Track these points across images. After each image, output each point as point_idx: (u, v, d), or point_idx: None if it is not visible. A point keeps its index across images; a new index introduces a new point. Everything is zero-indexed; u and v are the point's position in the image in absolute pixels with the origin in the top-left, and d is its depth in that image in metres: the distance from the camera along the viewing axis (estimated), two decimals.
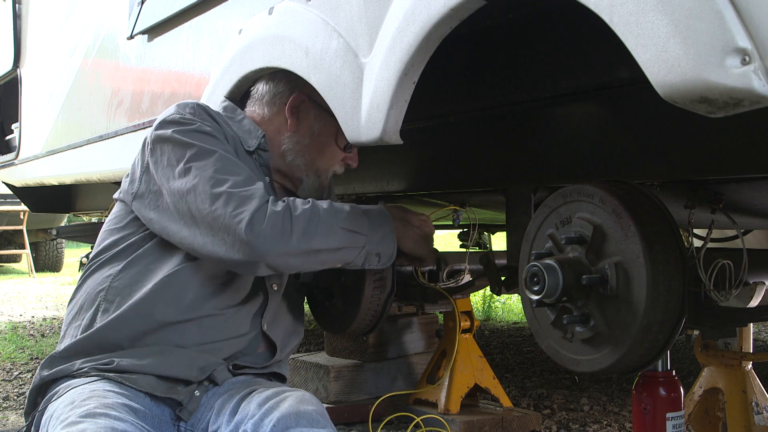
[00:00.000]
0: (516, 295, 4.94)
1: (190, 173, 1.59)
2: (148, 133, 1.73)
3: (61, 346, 1.68)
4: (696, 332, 2.21)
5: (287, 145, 1.79)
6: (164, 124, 1.67)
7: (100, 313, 1.65)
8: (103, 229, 1.78)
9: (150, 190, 1.67)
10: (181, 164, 1.61)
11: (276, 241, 1.53)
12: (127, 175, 1.75)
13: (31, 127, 4.19)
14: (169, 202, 1.63)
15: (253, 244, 1.52)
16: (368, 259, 1.68)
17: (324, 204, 1.62)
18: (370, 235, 1.65)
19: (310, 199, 1.62)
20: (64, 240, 11.70)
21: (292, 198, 1.61)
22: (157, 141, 1.66)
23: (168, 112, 1.70)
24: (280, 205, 1.56)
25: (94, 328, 1.64)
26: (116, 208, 1.78)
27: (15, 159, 4.39)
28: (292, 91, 1.78)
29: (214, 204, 1.55)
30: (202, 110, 1.69)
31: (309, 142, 1.79)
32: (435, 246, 2.44)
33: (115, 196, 1.79)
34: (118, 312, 1.63)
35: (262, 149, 1.77)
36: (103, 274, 1.70)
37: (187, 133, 1.64)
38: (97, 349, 1.63)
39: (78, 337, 1.66)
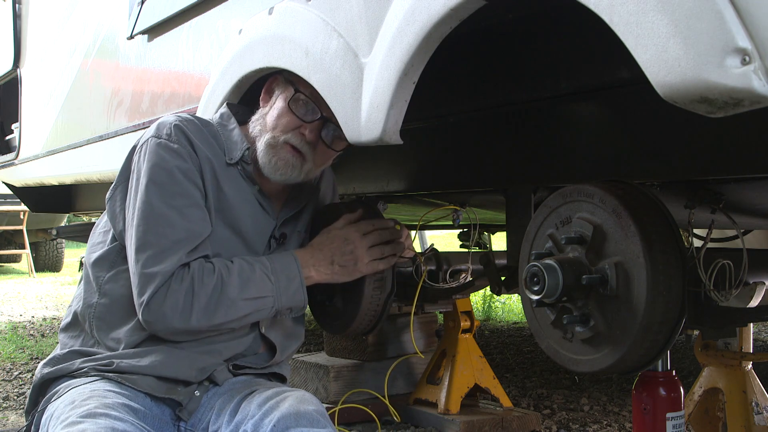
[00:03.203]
0: (516, 295, 4.94)
1: (134, 220, 1.63)
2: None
3: (62, 352, 1.70)
4: (696, 332, 2.20)
5: (255, 117, 1.78)
6: (143, 146, 1.69)
7: (95, 331, 1.70)
8: (93, 230, 1.80)
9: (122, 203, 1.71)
10: (136, 199, 1.64)
11: (175, 320, 1.58)
12: None
13: (31, 127, 4.19)
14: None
15: (152, 324, 1.60)
16: (279, 314, 1.70)
17: (232, 273, 1.62)
18: (277, 296, 1.66)
19: (219, 271, 1.62)
20: (64, 240, 11.71)
21: (200, 270, 1.60)
22: (134, 160, 1.70)
23: (149, 132, 1.70)
24: (185, 282, 1.58)
25: (94, 349, 1.68)
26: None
27: (15, 159, 4.39)
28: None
29: (135, 266, 1.61)
30: (179, 132, 1.68)
31: (268, 111, 1.76)
32: (435, 246, 2.46)
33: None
34: (116, 336, 1.67)
35: (245, 161, 1.75)
36: (90, 284, 1.72)
37: (152, 170, 1.64)
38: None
39: (77, 348, 1.70)
